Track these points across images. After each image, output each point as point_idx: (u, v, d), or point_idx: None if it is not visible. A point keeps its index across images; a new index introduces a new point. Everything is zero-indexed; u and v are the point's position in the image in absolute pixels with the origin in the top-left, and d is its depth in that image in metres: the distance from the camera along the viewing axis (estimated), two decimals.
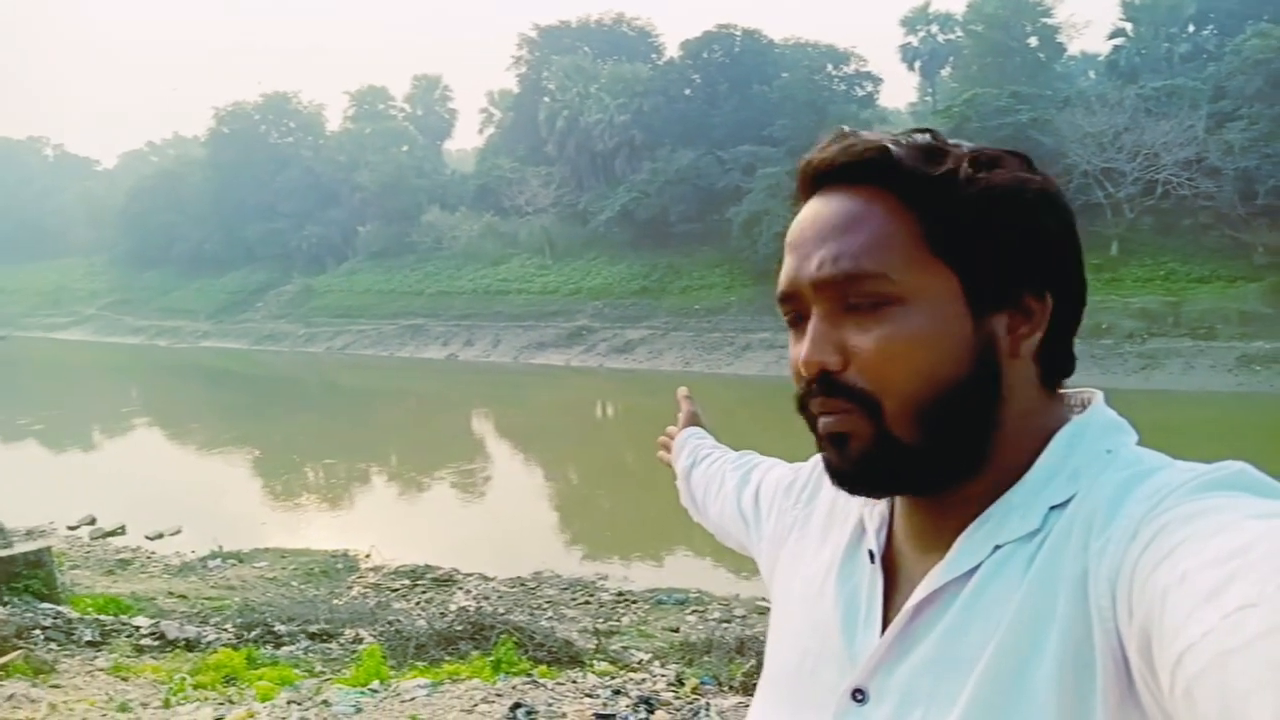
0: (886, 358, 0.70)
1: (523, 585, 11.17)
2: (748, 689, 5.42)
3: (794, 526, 0.96)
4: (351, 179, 51.80)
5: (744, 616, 9.54)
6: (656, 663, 6.98)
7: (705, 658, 7.05)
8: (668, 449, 1.53)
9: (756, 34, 44.32)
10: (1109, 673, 0.59)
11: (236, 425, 25.19)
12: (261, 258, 54.46)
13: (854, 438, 0.72)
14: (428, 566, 11.74)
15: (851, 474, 0.74)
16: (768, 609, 0.99)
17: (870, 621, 0.76)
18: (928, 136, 0.74)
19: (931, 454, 0.71)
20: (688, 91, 44.67)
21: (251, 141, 58.69)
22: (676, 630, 9.17)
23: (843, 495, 0.83)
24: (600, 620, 9.54)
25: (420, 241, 47.50)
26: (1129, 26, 36.52)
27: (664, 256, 38.03)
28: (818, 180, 0.76)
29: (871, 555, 0.80)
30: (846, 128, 0.77)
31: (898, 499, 0.80)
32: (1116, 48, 36.90)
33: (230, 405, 30.58)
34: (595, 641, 7.53)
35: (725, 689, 5.70)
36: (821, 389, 0.73)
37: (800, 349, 0.74)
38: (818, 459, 0.98)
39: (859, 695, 0.74)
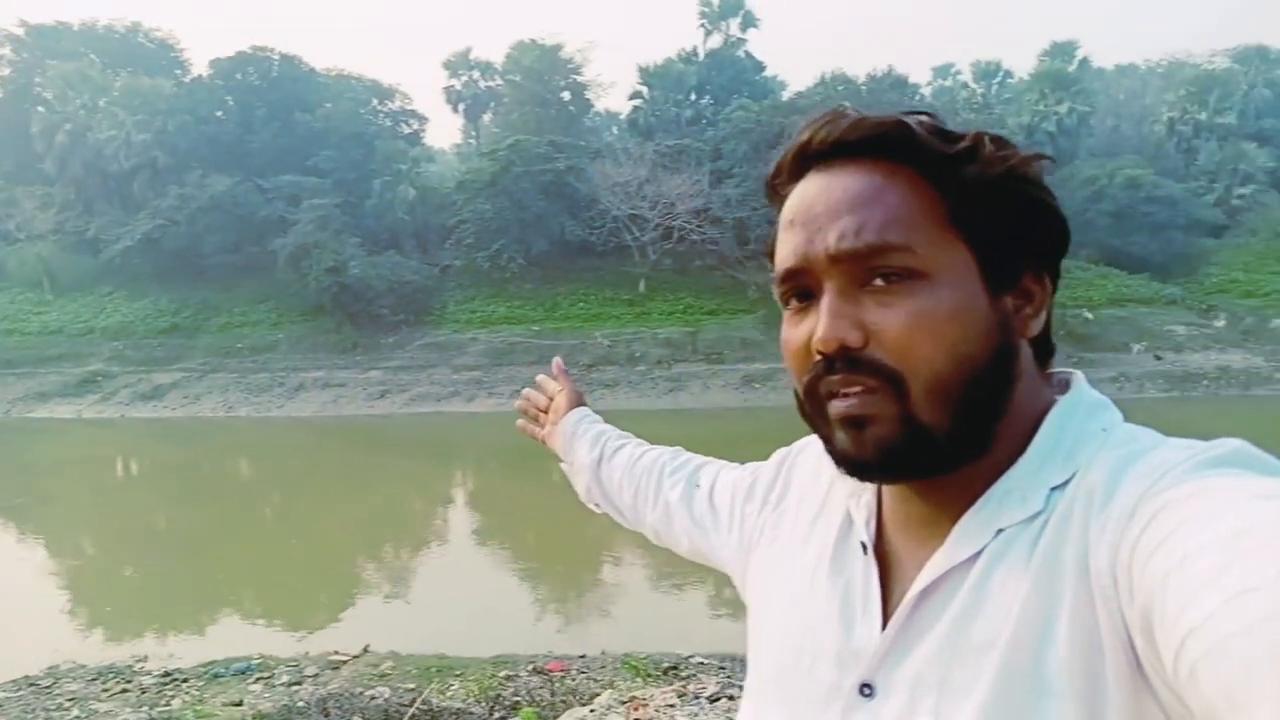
0: (914, 334, 0.68)
1: (33, 686, 9.16)
2: None
3: (763, 530, 0.94)
4: None
5: (316, 675, 8.78)
6: None
7: None
8: (532, 417, 1.47)
9: (296, 59, 42.28)
10: (1116, 654, 0.59)
11: None
12: None
13: (874, 421, 0.69)
14: None
15: (869, 461, 0.71)
16: (343, 661, 0.79)
17: (869, 614, 0.75)
18: (927, 118, 0.73)
19: (953, 437, 0.69)
20: (220, 114, 41.10)
21: None
22: (240, 703, 8.15)
23: (817, 490, 0.85)
24: (147, 708, 8.16)
25: None
26: (645, 90, 41.23)
27: (198, 291, 34.31)
28: (818, 157, 0.73)
29: (864, 546, 0.78)
30: (849, 105, 0.75)
31: (886, 488, 0.78)
32: (636, 108, 41.41)
33: None
34: None
35: None
36: (845, 365, 0.70)
37: (803, 328, 0.73)
38: (780, 456, 1.00)
39: (866, 689, 0.72)
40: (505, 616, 11.30)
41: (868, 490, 0.80)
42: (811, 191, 0.73)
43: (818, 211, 0.72)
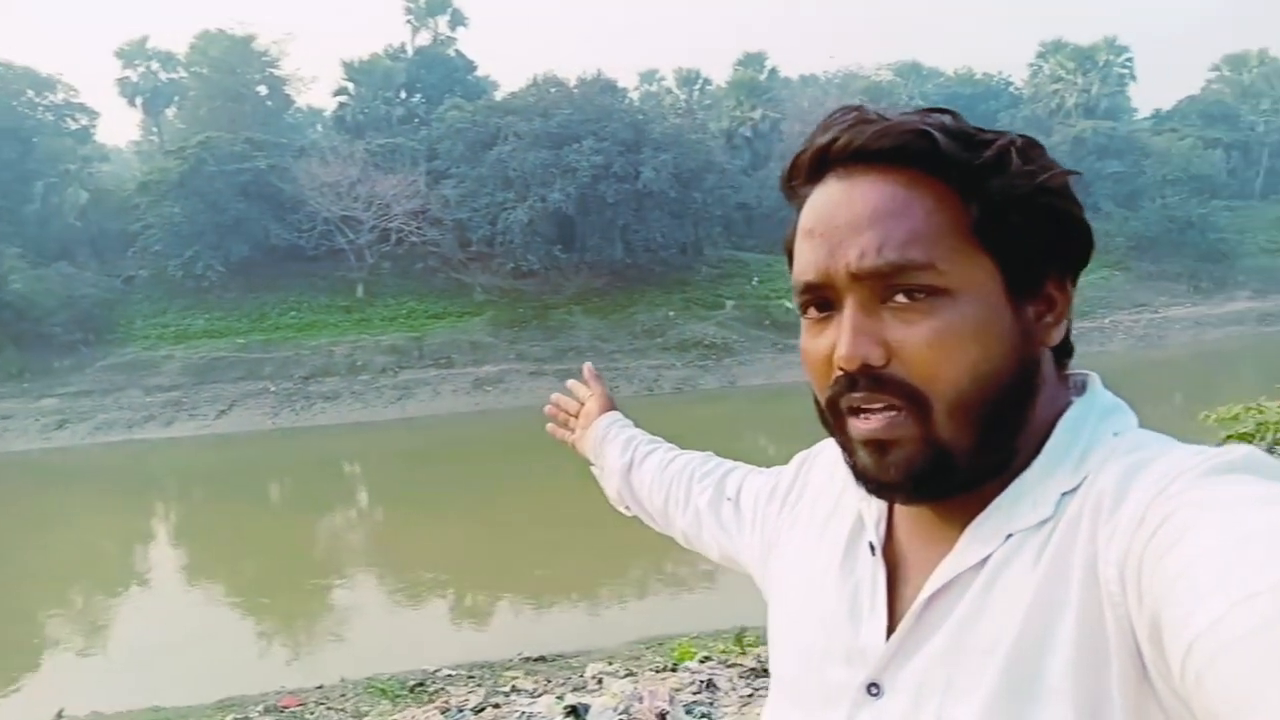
0: (938, 353, 0.67)
1: None
2: None
3: (780, 531, 0.95)
4: None
5: None
6: None
7: None
8: (562, 422, 1.50)
9: None
10: (1123, 659, 0.59)
11: None
12: None
13: (898, 445, 0.69)
14: None
15: (892, 483, 0.71)
16: None
17: (875, 614, 0.75)
18: (949, 118, 0.70)
19: (975, 457, 0.69)
20: None
21: None
22: None
23: (831, 491, 0.86)
24: None
25: None
26: (351, 86, 39.31)
27: None
28: (835, 162, 0.71)
29: (872, 547, 0.79)
30: (865, 104, 0.73)
31: None
32: (342, 104, 39.38)
33: None
34: None
35: None
36: (868, 383, 0.69)
37: (823, 340, 0.72)
38: (800, 458, 1.01)
39: (874, 689, 0.73)
40: (226, 656, 10.30)
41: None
42: (832, 200, 0.71)
43: (839, 223, 0.70)
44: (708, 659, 7.26)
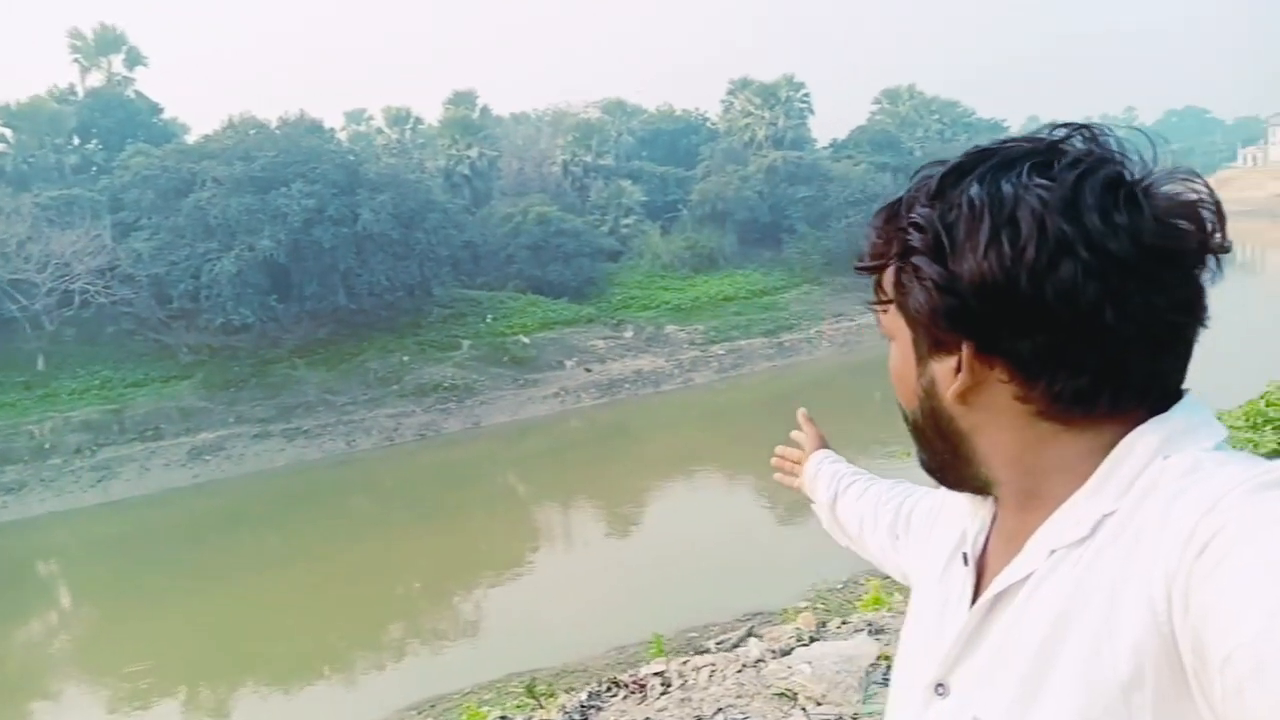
0: (893, 382, 0.88)
1: None
2: None
3: (925, 547, 1.05)
4: None
5: None
6: None
7: None
8: (788, 470, 1.58)
9: None
10: (1160, 670, 0.62)
11: None
12: None
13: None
14: None
15: (922, 466, 0.90)
16: None
17: (957, 619, 0.83)
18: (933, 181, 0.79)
19: (930, 463, 0.87)
20: None
21: None
22: None
23: (959, 507, 0.93)
24: None
25: None
26: (9, 133, 34.74)
27: None
28: None
29: (965, 557, 0.88)
30: (928, 165, 0.83)
31: (999, 507, 0.86)
32: (0, 153, 34.68)
33: None
34: None
35: None
36: None
37: None
38: None
39: (940, 688, 0.82)
40: None
41: (984, 507, 0.88)
42: None
43: None
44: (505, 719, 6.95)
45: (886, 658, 4.68)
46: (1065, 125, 0.76)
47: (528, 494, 23.90)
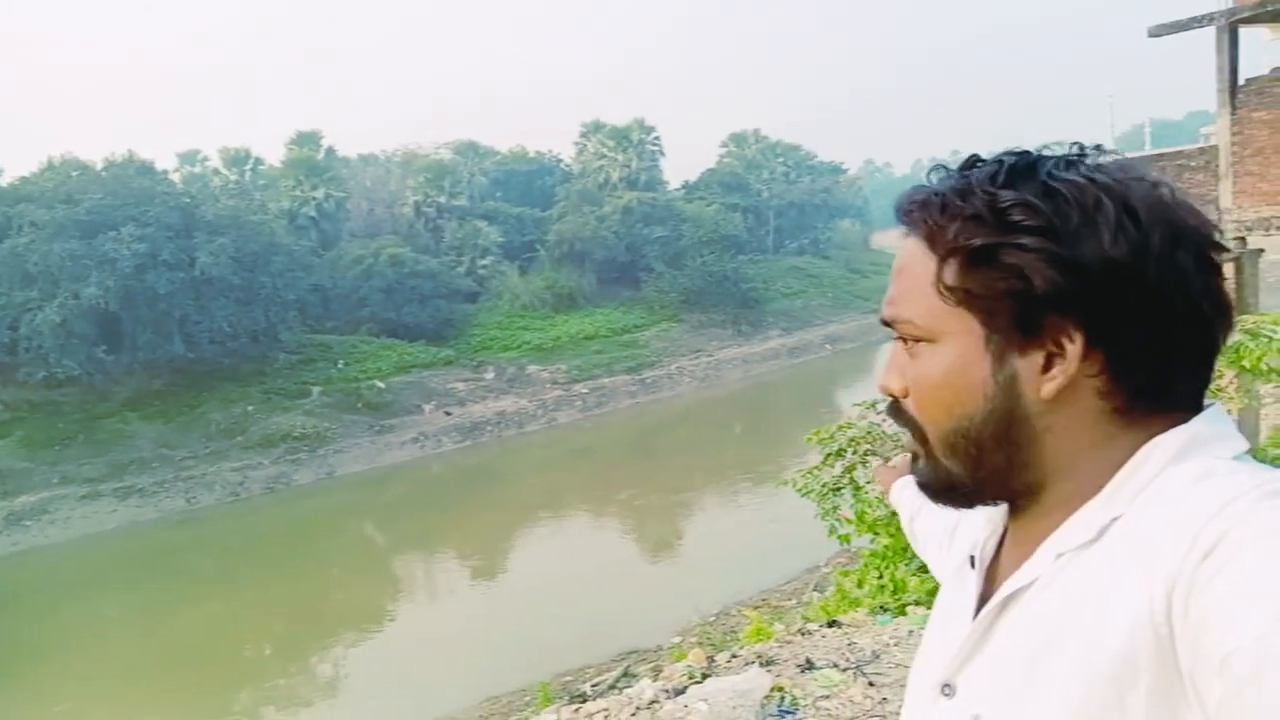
0: (920, 394, 0.80)
1: None
2: None
3: (947, 550, 1.10)
4: None
5: None
6: None
7: None
8: (886, 484, 1.64)
9: None
10: (1155, 672, 0.63)
11: None
12: None
13: (919, 458, 0.84)
14: None
15: (921, 483, 0.85)
16: None
17: (963, 623, 0.84)
18: (988, 171, 0.75)
19: (975, 483, 0.80)
20: None
21: None
22: None
23: (978, 515, 0.91)
24: None
25: None
26: None
27: None
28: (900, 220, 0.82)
29: (972, 561, 0.89)
30: (951, 168, 0.80)
31: (1008, 513, 0.86)
32: None
33: None
34: None
35: None
36: (889, 411, 0.86)
37: None
38: None
39: (947, 689, 0.82)
40: None
41: (998, 513, 0.87)
42: (898, 251, 0.84)
43: (891, 274, 0.83)
44: None
45: (781, 689, 4.70)
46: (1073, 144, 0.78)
47: (387, 544, 23.06)
